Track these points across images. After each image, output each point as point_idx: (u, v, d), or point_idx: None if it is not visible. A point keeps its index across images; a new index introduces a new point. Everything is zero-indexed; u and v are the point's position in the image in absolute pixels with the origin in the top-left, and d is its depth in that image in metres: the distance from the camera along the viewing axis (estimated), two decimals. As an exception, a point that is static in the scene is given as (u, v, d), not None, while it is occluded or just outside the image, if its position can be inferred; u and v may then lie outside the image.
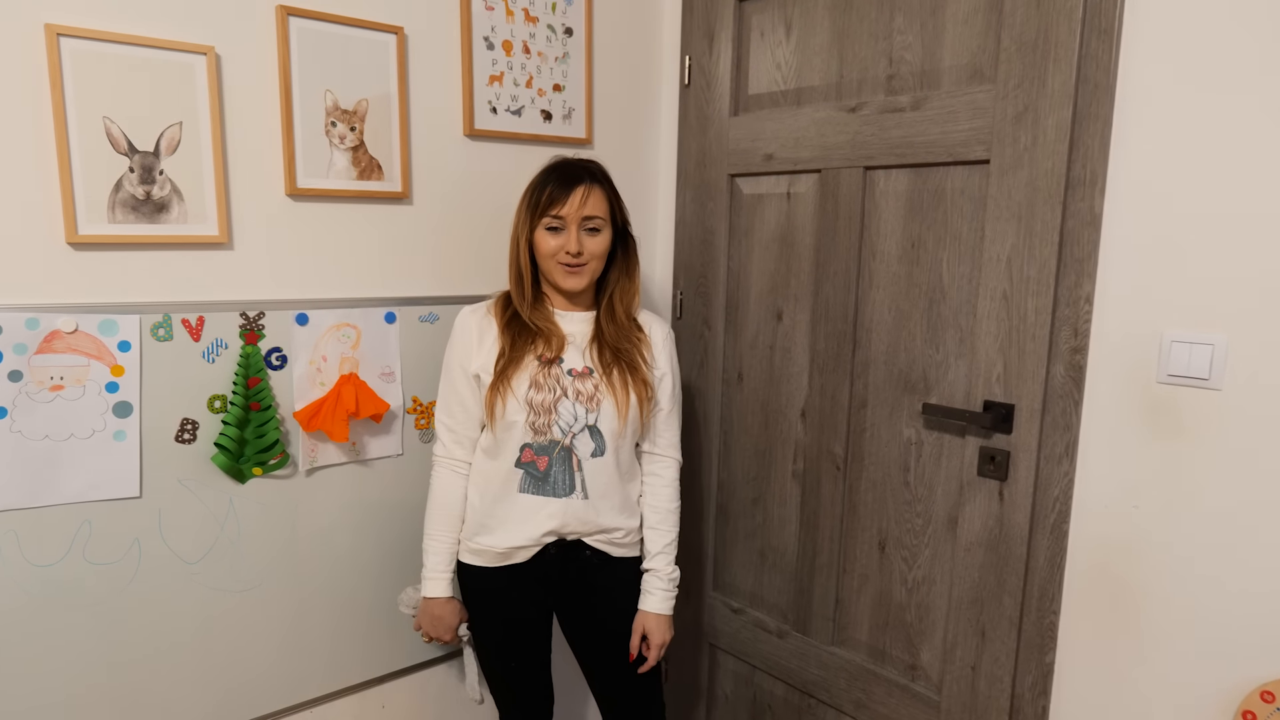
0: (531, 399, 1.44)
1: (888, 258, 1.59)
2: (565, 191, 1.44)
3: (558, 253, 1.44)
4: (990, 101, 1.41)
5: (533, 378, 1.45)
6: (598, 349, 1.49)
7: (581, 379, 1.47)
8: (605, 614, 1.58)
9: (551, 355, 1.47)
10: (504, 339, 1.47)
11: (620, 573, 1.57)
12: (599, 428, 1.47)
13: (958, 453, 1.51)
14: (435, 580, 1.53)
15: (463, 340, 1.50)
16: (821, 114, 1.66)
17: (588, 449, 1.47)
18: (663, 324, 1.60)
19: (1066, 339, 1.36)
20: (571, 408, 1.46)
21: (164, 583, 1.43)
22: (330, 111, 1.51)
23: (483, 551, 1.51)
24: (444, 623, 1.54)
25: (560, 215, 1.43)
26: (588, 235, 1.46)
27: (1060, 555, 1.39)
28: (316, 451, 1.56)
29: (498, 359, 1.46)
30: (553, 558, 1.51)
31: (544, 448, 1.46)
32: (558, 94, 1.84)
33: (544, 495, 1.47)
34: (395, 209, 1.63)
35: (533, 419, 1.44)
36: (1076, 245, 1.33)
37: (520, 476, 1.47)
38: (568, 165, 1.49)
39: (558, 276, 1.46)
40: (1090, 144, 1.31)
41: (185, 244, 1.38)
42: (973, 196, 1.46)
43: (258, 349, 1.47)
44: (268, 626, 1.55)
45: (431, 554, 1.53)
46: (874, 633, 1.69)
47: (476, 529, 1.51)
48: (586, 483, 1.48)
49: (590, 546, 1.53)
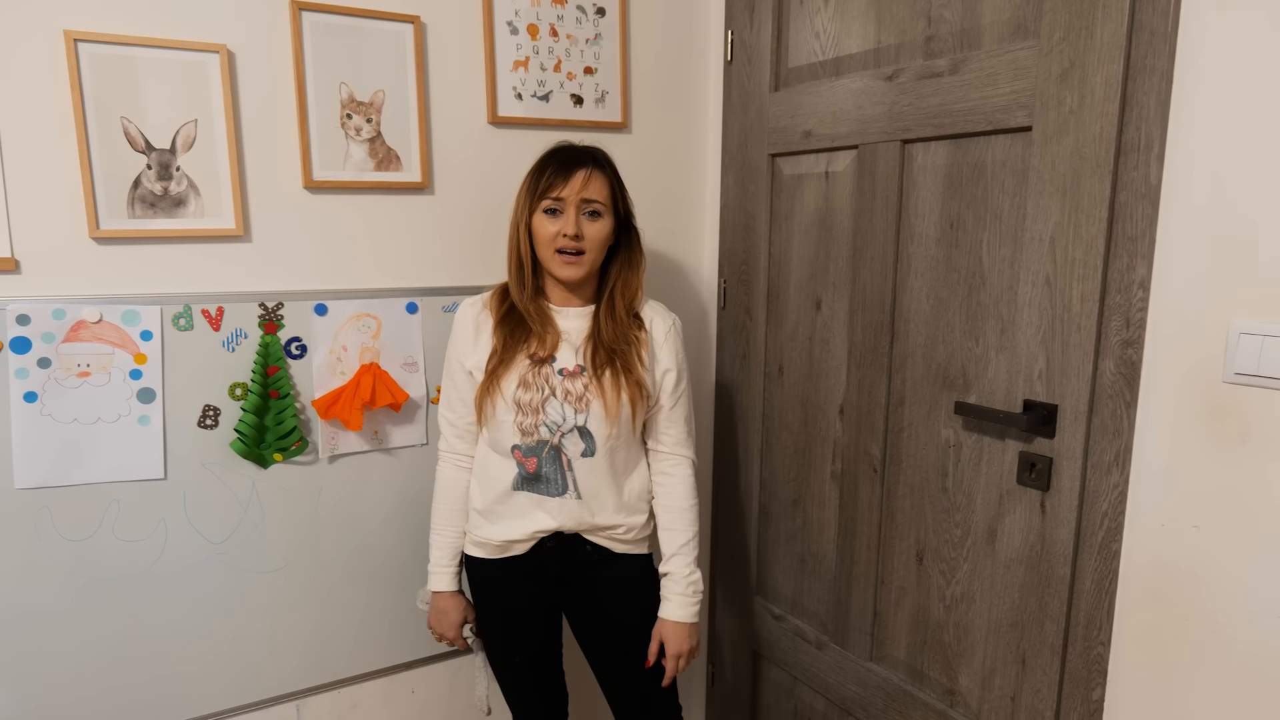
0: (519, 399, 1.40)
1: (926, 240, 1.44)
2: (566, 173, 1.39)
3: (555, 238, 1.39)
4: (1033, 59, 1.24)
5: (522, 377, 1.41)
6: (592, 347, 1.43)
7: (572, 378, 1.42)
8: (611, 611, 1.52)
9: (544, 354, 1.42)
10: (498, 336, 1.44)
11: (626, 569, 1.51)
12: (588, 429, 1.41)
13: (998, 458, 1.35)
14: (439, 574, 1.53)
15: (460, 335, 1.48)
16: (858, 84, 1.52)
17: (577, 449, 1.42)
18: (666, 317, 1.51)
19: (1117, 330, 1.17)
20: (560, 408, 1.41)
21: (191, 560, 1.50)
22: (346, 104, 1.53)
23: (483, 543, 1.49)
24: (447, 618, 1.53)
25: (559, 197, 1.38)
26: (587, 220, 1.40)
27: (1110, 578, 1.21)
28: (337, 439, 1.59)
29: (490, 357, 1.43)
30: (550, 551, 1.48)
31: (532, 449, 1.42)
32: (589, 77, 1.79)
33: (538, 494, 1.44)
34: (415, 199, 1.63)
35: (520, 419, 1.40)
36: (1129, 222, 1.15)
37: (515, 474, 1.44)
38: (570, 148, 1.44)
39: (555, 266, 1.41)
40: (1146, 103, 1.12)
41: (203, 237, 1.44)
42: (1014, 169, 1.29)
43: (277, 339, 1.51)
44: (293, 607, 1.61)
45: (435, 548, 1.53)
46: (912, 651, 1.54)
47: (478, 521, 1.50)
48: (579, 483, 1.43)
49: (590, 542, 1.48)
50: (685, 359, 1.52)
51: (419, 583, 1.72)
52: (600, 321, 1.45)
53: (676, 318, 1.53)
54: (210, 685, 1.55)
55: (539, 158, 1.45)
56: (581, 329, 1.46)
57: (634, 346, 1.44)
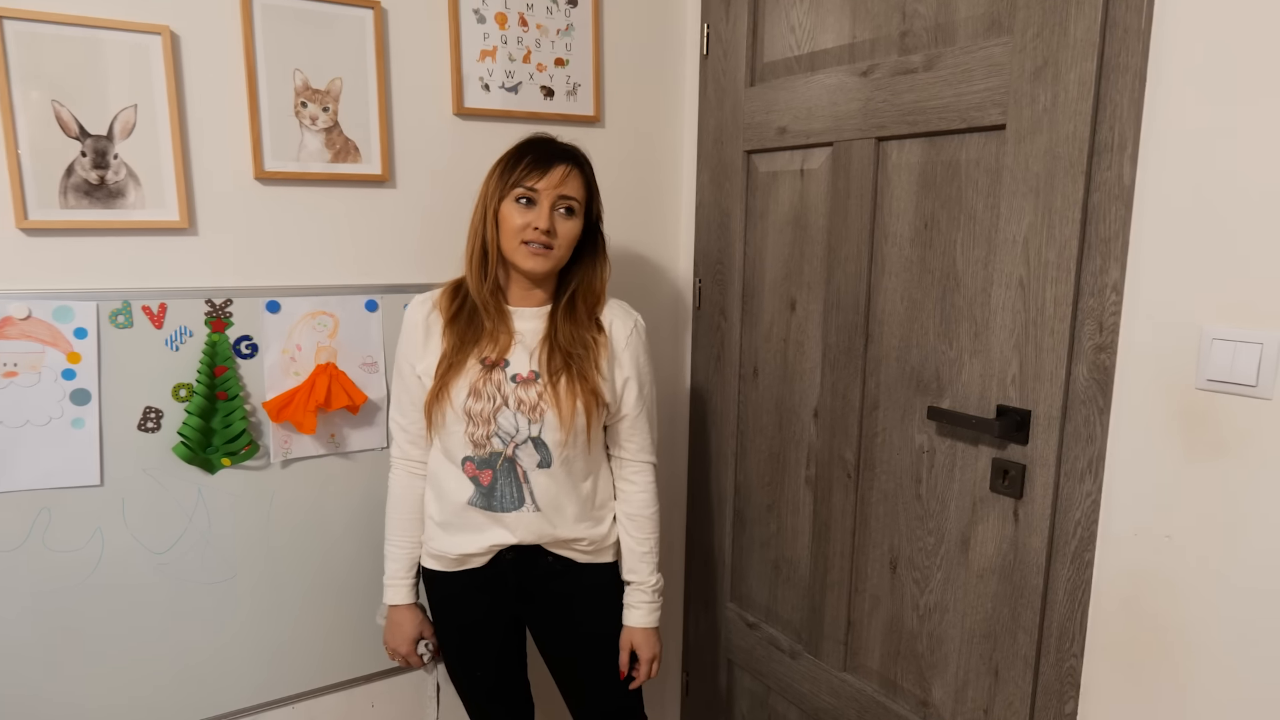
0: (470, 408, 1.33)
1: (900, 240, 1.41)
2: (545, 165, 1.33)
3: (524, 229, 1.32)
4: (1007, 56, 1.20)
5: (473, 385, 1.34)
6: (547, 351, 1.37)
7: (525, 386, 1.35)
8: (576, 622, 1.47)
9: (494, 358, 1.36)
10: (447, 338, 1.37)
11: (588, 578, 1.46)
12: (543, 439, 1.36)
13: (971, 464, 1.32)
14: (395, 586, 1.46)
15: (409, 336, 1.41)
16: (833, 80, 1.48)
17: (533, 460, 1.36)
18: (627, 318, 1.45)
19: (1090, 335, 1.14)
20: (513, 418, 1.34)
21: (131, 572, 1.43)
22: (300, 92, 1.46)
23: (440, 556, 1.43)
24: (402, 631, 1.47)
25: (535, 188, 1.32)
26: (561, 217, 1.34)
27: (1083, 589, 1.18)
28: (290, 443, 1.53)
29: (440, 361, 1.36)
30: (509, 562, 1.42)
31: (485, 461, 1.36)
32: (560, 69, 1.73)
33: (492, 510, 1.38)
34: (376, 192, 1.57)
35: (471, 430, 1.34)
36: (1102, 223, 1.12)
37: (471, 490, 1.38)
38: (551, 142, 1.39)
39: (520, 257, 1.34)
40: (1119, 101, 1.09)
41: (144, 229, 1.37)
42: (988, 168, 1.26)
43: (225, 337, 1.45)
44: (243, 619, 1.54)
45: (391, 559, 1.46)
46: (885, 661, 1.51)
47: (434, 532, 1.43)
48: (535, 495, 1.38)
49: (551, 553, 1.43)
50: (649, 363, 1.47)
51: (378, 591, 1.66)
52: (557, 323, 1.39)
53: (639, 318, 1.47)
54: (153, 702, 1.48)
55: (515, 145, 1.38)
56: (537, 330, 1.39)
57: (591, 351, 1.38)
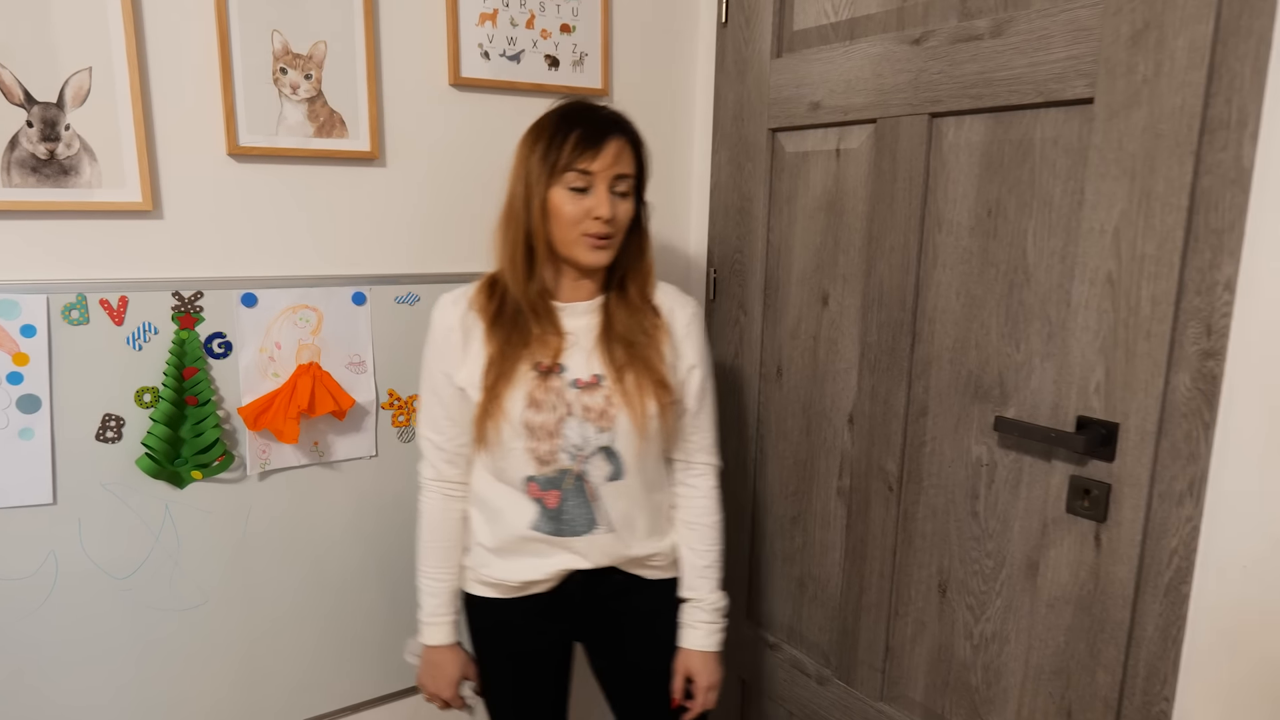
0: (530, 421, 1.17)
1: (957, 229, 1.26)
2: (597, 142, 1.14)
3: (583, 219, 1.15)
4: (1097, 19, 1.05)
5: (529, 395, 1.17)
6: (606, 346, 1.21)
7: (589, 391, 1.19)
8: (638, 647, 1.32)
9: (549, 363, 1.19)
10: (491, 342, 1.19)
11: (655, 599, 1.32)
12: (615, 448, 1.20)
13: (1041, 481, 1.18)
14: (436, 625, 1.28)
15: (445, 343, 1.22)
16: (878, 49, 1.33)
17: (603, 474, 1.20)
18: (686, 302, 1.31)
19: (1195, 339, 1.00)
20: (579, 428, 1.18)
21: (88, 600, 1.26)
22: (279, 56, 1.28)
23: (496, 584, 1.26)
24: (444, 674, 1.29)
25: (589, 170, 1.14)
26: (618, 199, 1.17)
27: (1177, 625, 1.05)
28: (269, 453, 1.36)
29: (486, 369, 1.19)
30: (578, 585, 1.26)
31: (552, 480, 1.19)
32: (566, 36, 1.56)
33: (561, 535, 1.22)
34: (364, 171, 1.40)
35: (533, 446, 1.17)
36: (1214, 212, 0.98)
37: (534, 515, 1.21)
38: (593, 110, 1.19)
39: (579, 251, 1.17)
40: (1239, 70, 0.94)
41: (101, 211, 1.19)
42: (1069, 148, 1.11)
43: (195, 334, 1.27)
44: (217, 648, 1.37)
45: (430, 595, 1.28)
46: (931, 693, 1.37)
47: (486, 558, 1.26)
48: (609, 513, 1.22)
49: (621, 571, 1.28)
50: (709, 351, 1.32)
51: (363, 612, 1.50)
52: (612, 313, 1.23)
53: (694, 301, 1.32)
54: (116, 742, 1.32)
55: (548, 118, 1.19)
56: (590, 327, 1.23)
57: (652, 339, 1.23)
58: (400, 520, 1.50)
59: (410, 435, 1.49)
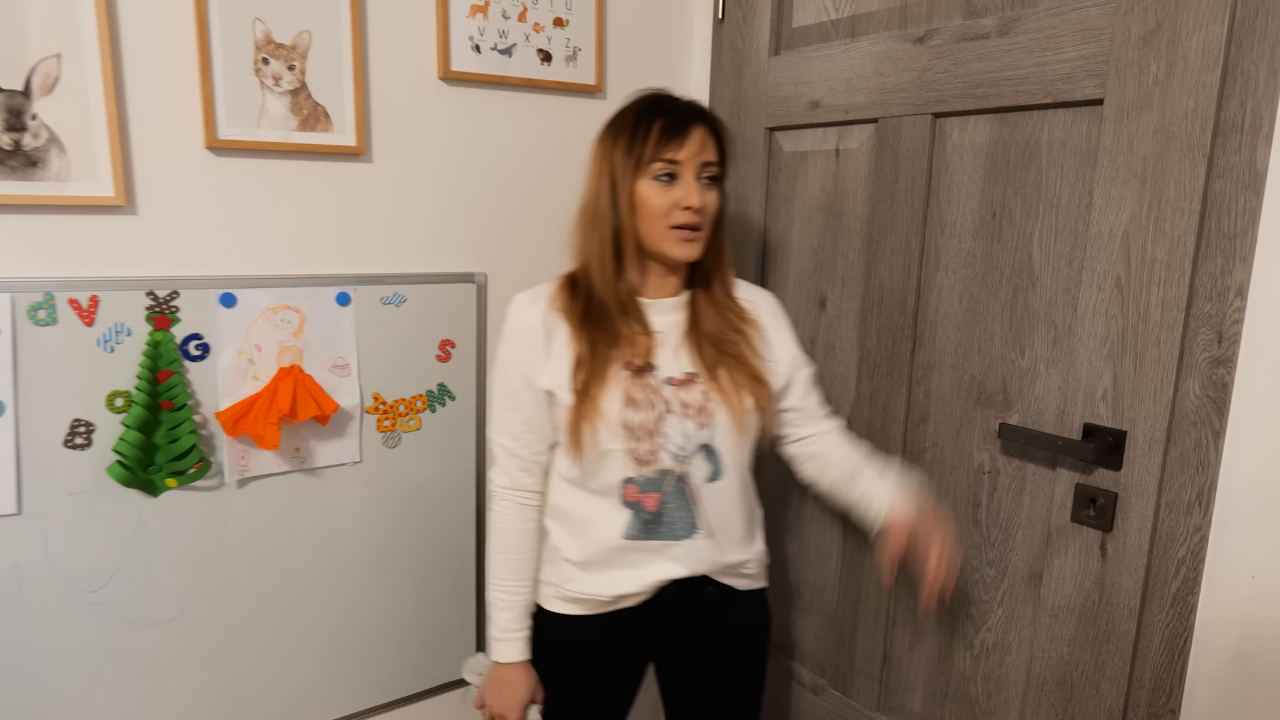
0: (629, 421, 1.11)
1: (960, 231, 1.24)
2: (681, 130, 1.11)
3: (671, 211, 1.10)
4: (1108, 18, 1.03)
5: (626, 393, 1.12)
6: (695, 344, 1.17)
7: (685, 388, 1.14)
8: (719, 665, 1.27)
9: (641, 362, 1.14)
10: (579, 342, 1.14)
11: (743, 612, 1.26)
12: (714, 447, 1.15)
13: (1045, 489, 1.16)
14: (509, 641, 1.20)
15: (525, 343, 1.16)
16: (880, 47, 1.30)
17: (703, 474, 1.15)
18: (765, 294, 1.29)
19: (1205, 345, 0.98)
20: (680, 425, 1.13)
21: (56, 615, 1.20)
22: (261, 45, 1.23)
23: (583, 600, 1.19)
24: (513, 694, 1.20)
25: (676, 160, 1.10)
26: (705, 189, 1.13)
27: (1184, 637, 1.03)
28: (248, 459, 1.30)
29: (575, 370, 1.13)
30: (670, 598, 1.19)
31: (652, 481, 1.14)
32: (559, 30, 1.52)
33: (659, 540, 1.16)
34: (349, 167, 1.35)
35: (633, 446, 1.12)
36: (1226, 216, 0.96)
37: (626, 520, 1.15)
38: (672, 99, 1.16)
39: (669, 244, 1.12)
40: (1253, 72, 0.93)
41: (70, 206, 1.13)
42: (1078, 150, 1.09)
43: (170, 336, 1.22)
44: (194, 664, 1.31)
45: (502, 609, 1.20)
46: (929, 704, 1.35)
47: (571, 573, 1.18)
48: (709, 515, 1.16)
49: (715, 581, 1.22)
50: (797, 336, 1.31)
51: (348, 625, 1.45)
52: (699, 310, 1.18)
53: (771, 293, 1.32)
54: (85, 762, 1.26)
55: (628, 111, 1.15)
56: (676, 324, 1.18)
57: (743, 335, 1.19)
58: (385, 528, 1.46)
59: (396, 440, 1.44)
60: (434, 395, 1.47)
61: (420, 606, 1.52)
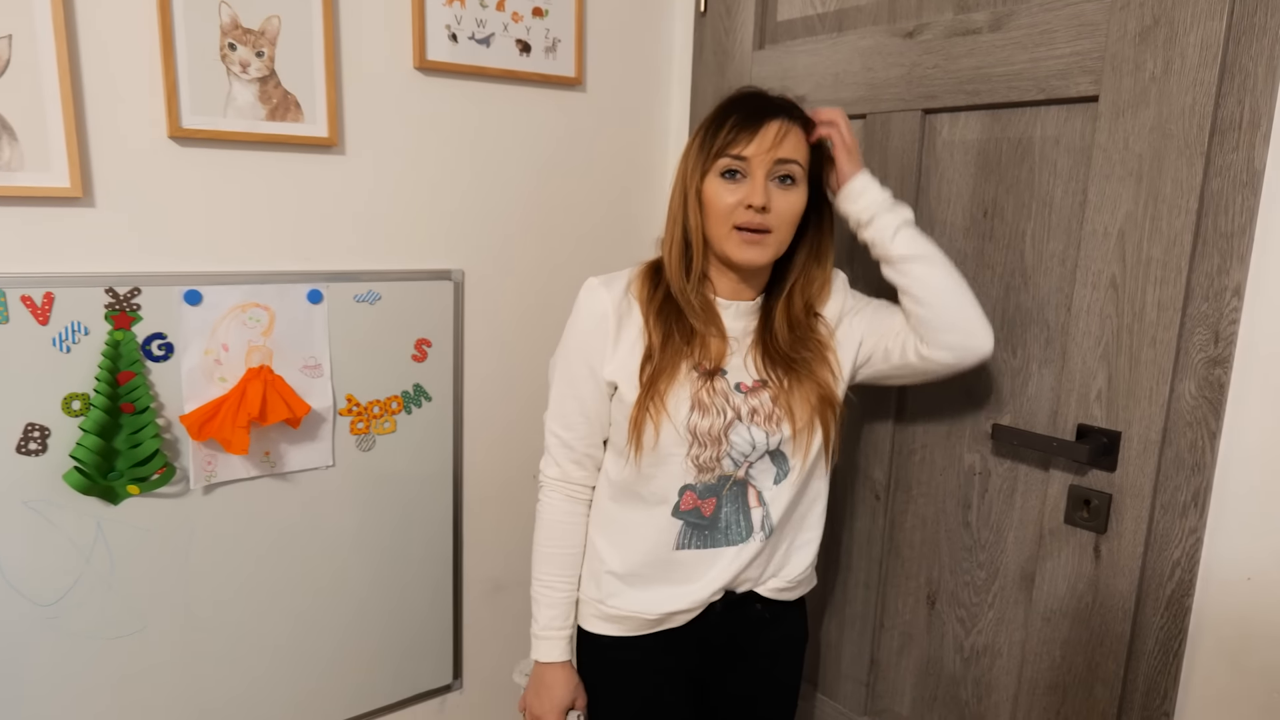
0: (696, 426, 1.04)
1: (951, 229, 1.22)
2: (753, 124, 1.02)
3: (734, 210, 1.02)
4: (1103, 14, 1.02)
5: (694, 396, 1.05)
6: (762, 355, 1.09)
7: (755, 394, 1.07)
8: (764, 682, 1.21)
9: (712, 366, 1.07)
10: (652, 333, 1.06)
11: (788, 624, 1.21)
12: (783, 451, 1.09)
13: (1038, 490, 1.15)
14: (550, 640, 1.13)
15: (594, 328, 1.08)
16: (869, 41, 1.28)
17: (769, 477, 1.09)
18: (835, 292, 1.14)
19: (1202, 346, 0.98)
20: (748, 434, 1.06)
21: (8, 630, 1.13)
22: (227, 31, 1.17)
23: (625, 619, 1.12)
24: (553, 697, 1.13)
25: (743, 156, 1.02)
26: (778, 188, 1.04)
27: (1178, 639, 1.02)
28: (215, 464, 1.24)
29: (644, 363, 1.06)
30: (717, 617, 1.13)
31: (711, 487, 1.08)
32: (538, 20, 1.48)
33: (712, 547, 1.10)
34: (321, 159, 1.29)
35: (696, 452, 1.05)
36: (1223, 215, 0.95)
37: (678, 528, 1.09)
38: (758, 94, 1.08)
39: (731, 246, 1.04)
40: (1252, 70, 0.92)
41: (23, 198, 1.07)
42: (1072, 147, 1.08)
43: (131, 335, 1.15)
44: (155, 676, 1.25)
45: (545, 605, 1.14)
46: (918, 707, 1.33)
47: (614, 587, 1.12)
48: (770, 517, 1.10)
49: (762, 598, 1.15)
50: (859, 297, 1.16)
51: (320, 635, 1.40)
52: (773, 321, 1.10)
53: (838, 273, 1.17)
54: (40, 785, 1.19)
55: (717, 107, 1.08)
56: (746, 329, 1.11)
57: (818, 354, 1.10)
58: (359, 534, 1.40)
59: (370, 443, 1.39)
60: (410, 396, 1.42)
61: (396, 615, 1.47)
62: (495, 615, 1.60)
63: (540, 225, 1.54)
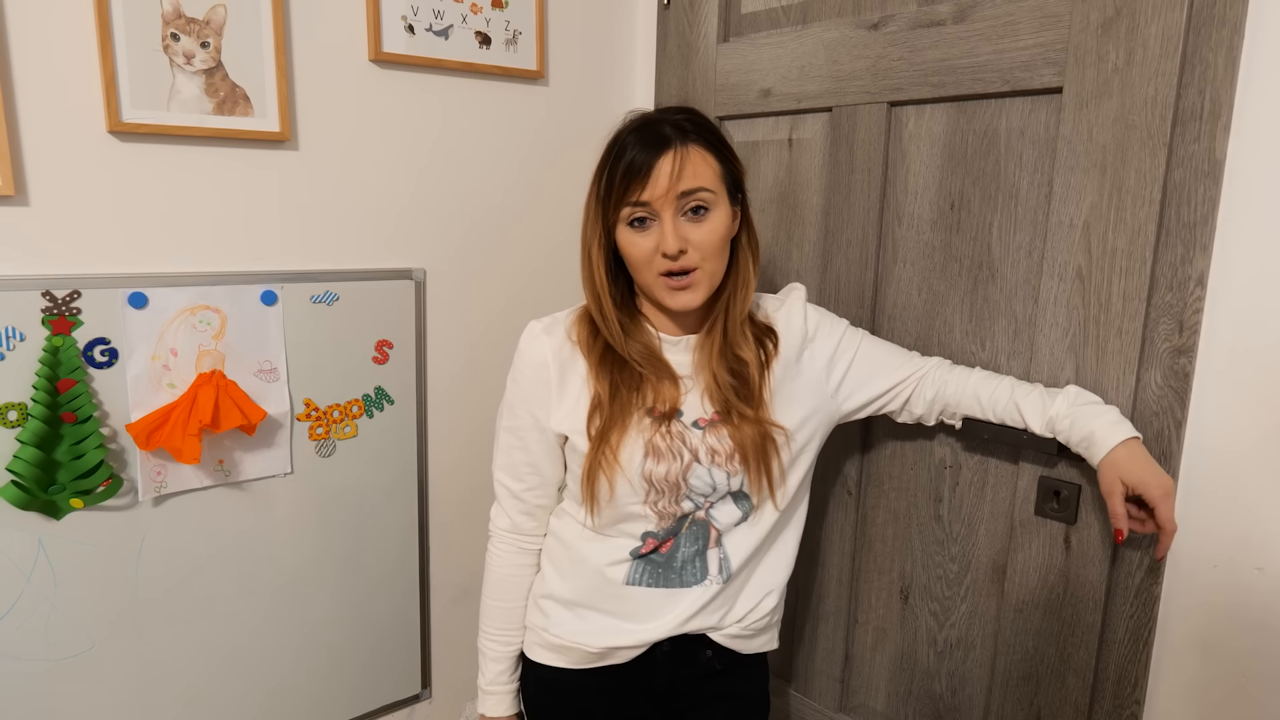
0: (651, 474, 0.99)
1: (918, 222, 1.21)
2: (646, 165, 0.94)
3: (653, 258, 0.96)
4: (1066, 5, 1.02)
5: (648, 443, 0.99)
6: (710, 383, 1.02)
7: (714, 429, 1.01)
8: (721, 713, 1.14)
9: (667, 409, 1.01)
10: (598, 383, 1.00)
11: (747, 680, 1.14)
12: (745, 491, 1.03)
13: (1008, 483, 1.15)
14: (496, 695, 1.12)
15: (535, 379, 1.02)
16: (834, 34, 1.27)
17: (731, 518, 1.04)
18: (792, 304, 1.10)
19: (1167, 335, 0.98)
20: (708, 475, 1.01)
21: (-57, 655, 1.07)
22: (170, 20, 1.12)
23: (567, 649, 1.07)
24: None
25: (643, 201, 0.94)
26: (690, 222, 0.96)
27: (1148, 627, 1.03)
28: (165, 474, 1.19)
29: (591, 414, 1.00)
30: (663, 658, 1.07)
31: (670, 530, 1.03)
32: (499, 12, 1.44)
33: (665, 587, 1.04)
34: (273, 155, 1.24)
35: (654, 499, 1.00)
36: (1186, 205, 0.96)
37: (630, 565, 1.04)
38: (646, 126, 0.98)
39: (660, 293, 0.98)
40: (1212, 60, 0.92)
41: (-50, 197, 1.01)
42: (1036, 139, 1.08)
43: (71, 340, 1.10)
44: (104, 700, 1.20)
45: (492, 659, 1.12)
46: (893, 702, 1.33)
47: (559, 615, 1.07)
48: (728, 559, 1.05)
49: (714, 644, 1.08)
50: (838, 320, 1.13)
51: (277, 653, 1.35)
52: (710, 347, 1.03)
53: (797, 289, 1.13)
54: (-18, 817, 1.13)
55: (608, 147, 0.99)
56: (702, 361, 1.03)
57: (749, 370, 1.02)
58: (319, 543, 1.36)
59: (330, 449, 1.34)
60: (371, 399, 1.38)
61: (361, 626, 1.43)
62: (464, 623, 1.56)
63: (504, 221, 1.50)
